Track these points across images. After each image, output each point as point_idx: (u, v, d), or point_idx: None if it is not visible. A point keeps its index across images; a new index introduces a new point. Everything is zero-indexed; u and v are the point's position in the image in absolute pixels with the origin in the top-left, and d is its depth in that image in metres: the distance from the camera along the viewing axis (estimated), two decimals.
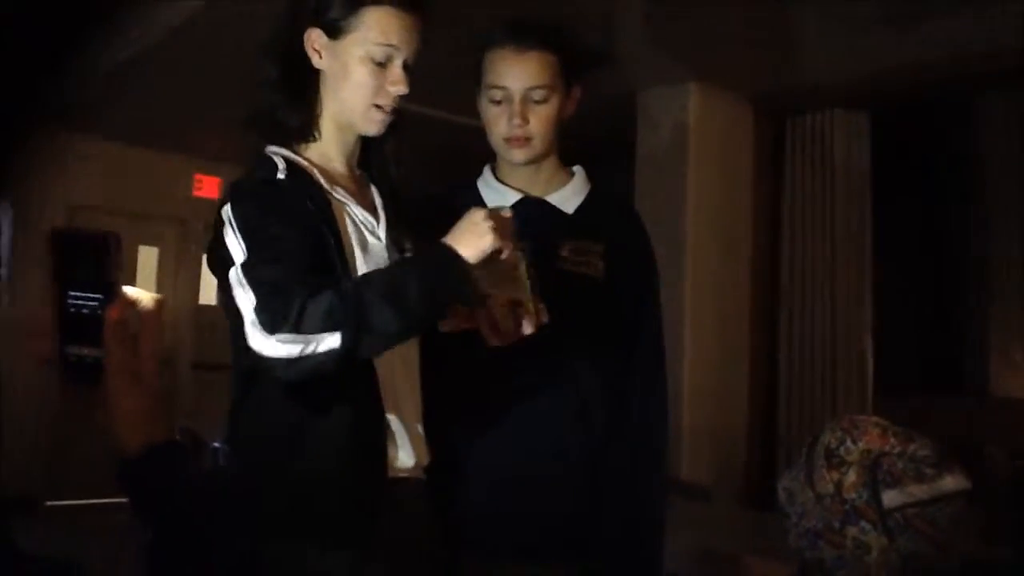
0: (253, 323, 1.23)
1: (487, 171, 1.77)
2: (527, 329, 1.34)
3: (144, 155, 6.08)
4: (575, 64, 1.70)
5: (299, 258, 1.28)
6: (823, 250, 4.38)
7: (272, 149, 1.44)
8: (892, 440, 1.07)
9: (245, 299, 1.25)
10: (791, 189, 4.53)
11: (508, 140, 1.66)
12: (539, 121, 1.65)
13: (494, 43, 1.66)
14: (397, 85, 1.43)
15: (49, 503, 5.80)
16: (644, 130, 4.56)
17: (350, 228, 1.41)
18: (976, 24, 3.53)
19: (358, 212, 1.45)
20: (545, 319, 1.35)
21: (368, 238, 1.44)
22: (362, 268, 1.39)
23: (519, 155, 1.68)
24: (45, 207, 6.07)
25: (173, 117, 5.24)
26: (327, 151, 1.48)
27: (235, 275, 1.28)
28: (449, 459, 1.67)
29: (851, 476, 1.07)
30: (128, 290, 0.84)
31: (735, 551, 2.39)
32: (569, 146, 1.78)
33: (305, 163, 1.43)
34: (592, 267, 1.66)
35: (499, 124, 1.67)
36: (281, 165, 1.39)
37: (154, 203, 6.21)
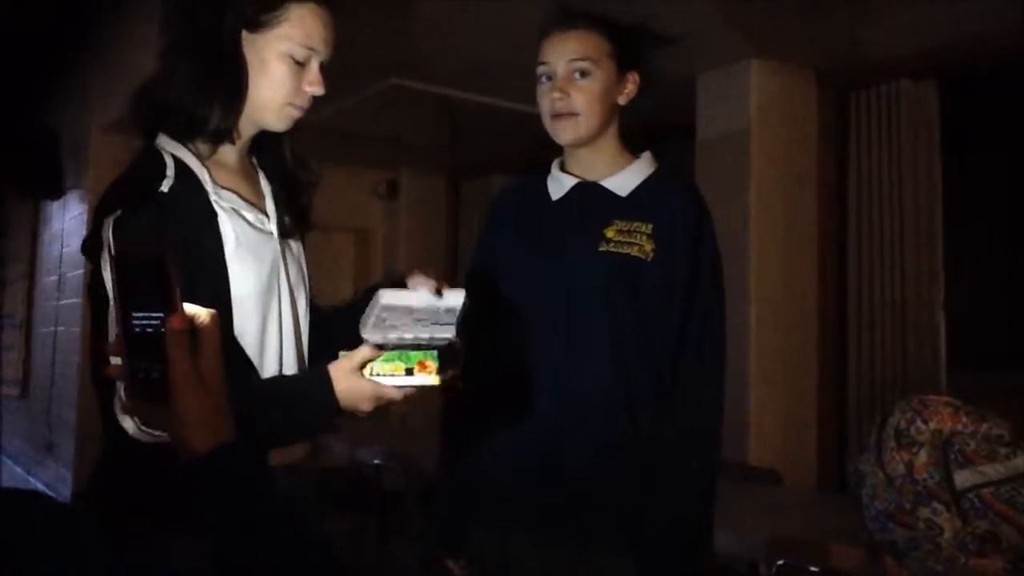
0: (120, 401, 1.19)
1: (554, 163, 1.78)
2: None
3: None
4: (628, 49, 1.69)
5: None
6: (891, 224, 4.25)
7: (162, 143, 1.35)
8: (964, 419, 1.04)
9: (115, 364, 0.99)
10: (857, 163, 4.41)
11: (554, 117, 1.66)
12: (582, 95, 1.64)
13: (544, 30, 1.67)
14: (315, 86, 1.40)
15: None
16: (705, 111, 4.49)
17: (235, 232, 1.34)
18: None
19: (248, 214, 1.39)
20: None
21: (257, 237, 1.38)
22: (248, 273, 1.34)
23: (565, 133, 1.67)
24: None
25: None
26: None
27: (111, 321, 1.19)
28: (485, 444, 1.69)
29: (922, 456, 1.04)
30: (186, 306, 0.87)
31: (810, 536, 2.35)
32: (635, 133, 1.77)
33: (194, 162, 1.35)
34: (638, 248, 1.62)
35: (545, 102, 1.67)
36: (170, 169, 1.31)
37: None
